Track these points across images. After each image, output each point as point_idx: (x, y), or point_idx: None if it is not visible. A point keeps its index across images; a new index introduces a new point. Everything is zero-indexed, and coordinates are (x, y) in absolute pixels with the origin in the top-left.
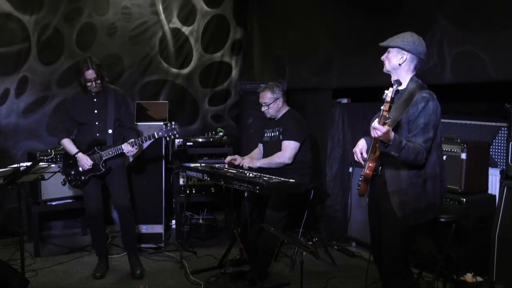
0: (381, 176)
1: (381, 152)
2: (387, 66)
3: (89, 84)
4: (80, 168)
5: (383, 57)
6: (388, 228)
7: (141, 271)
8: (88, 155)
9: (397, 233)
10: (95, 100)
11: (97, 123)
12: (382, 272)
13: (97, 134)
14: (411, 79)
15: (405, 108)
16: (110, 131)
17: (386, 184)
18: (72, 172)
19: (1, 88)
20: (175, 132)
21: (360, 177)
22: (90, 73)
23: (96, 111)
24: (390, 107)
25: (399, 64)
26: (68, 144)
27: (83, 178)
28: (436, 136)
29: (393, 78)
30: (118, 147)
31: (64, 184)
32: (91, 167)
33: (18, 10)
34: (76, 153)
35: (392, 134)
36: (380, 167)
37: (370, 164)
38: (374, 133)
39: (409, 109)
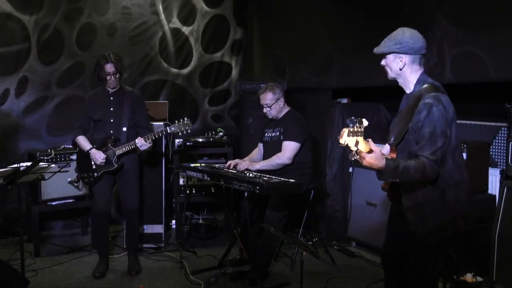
0: (399, 187)
1: None
2: (390, 74)
3: (108, 78)
4: (93, 166)
5: (382, 63)
6: (411, 247)
7: (137, 271)
8: (102, 152)
9: (419, 252)
10: (111, 98)
11: (112, 120)
12: (392, 281)
13: (112, 131)
14: (418, 81)
15: (411, 117)
16: (124, 128)
17: (402, 199)
18: (85, 169)
19: (1, 88)
20: (187, 127)
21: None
22: (109, 67)
23: (112, 109)
24: (357, 142)
25: (400, 69)
26: (82, 141)
27: (95, 175)
28: (450, 141)
29: (400, 83)
30: (131, 142)
31: (76, 181)
32: (104, 160)
33: (18, 10)
34: (90, 149)
35: (383, 161)
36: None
37: None
38: (361, 161)
39: (414, 118)
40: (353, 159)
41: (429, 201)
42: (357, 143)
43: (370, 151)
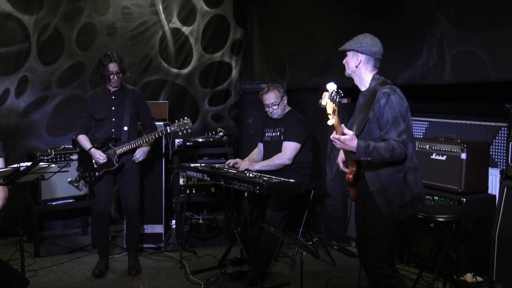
0: (363, 177)
1: None
2: (347, 70)
3: (111, 77)
4: (94, 165)
5: (343, 61)
6: (373, 228)
7: (137, 271)
8: (103, 151)
9: (382, 232)
10: (113, 97)
11: (113, 119)
12: (366, 270)
13: (113, 130)
14: (372, 78)
15: (370, 107)
16: (125, 128)
17: (368, 184)
18: (86, 168)
19: (1, 88)
20: (187, 127)
21: (347, 185)
22: (113, 66)
23: (113, 108)
24: (334, 110)
25: (355, 66)
26: (83, 140)
27: (96, 174)
28: (409, 127)
29: (355, 80)
30: (131, 142)
31: (77, 180)
32: (105, 160)
33: (18, 10)
34: (90, 149)
35: (355, 141)
36: (361, 169)
37: (350, 169)
38: (335, 144)
39: (374, 107)
40: (330, 124)
41: (393, 183)
42: (334, 111)
43: (343, 134)
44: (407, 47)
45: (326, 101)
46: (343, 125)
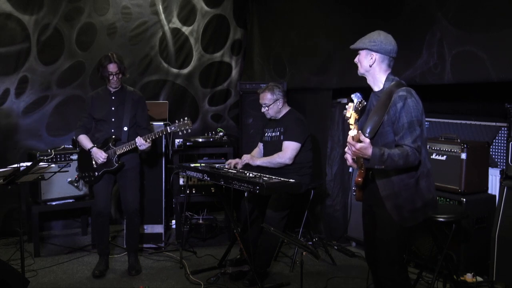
0: (373, 181)
1: None
2: (360, 69)
3: (111, 77)
4: (94, 165)
5: (355, 60)
6: (384, 233)
7: (137, 271)
8: (103, 151)
9: (393, 237)
10: (113, 98)
11: (113, 119)
12: (377, 276)
13: (113, 130)
14: (387, 79)
15: (385, 110)
16: (125, 128)
17: (379, 189)
18: (86, 168)
19: (1, 88)
20: (187, 127)
21: (353, 186)
22: (112, 67)
23: (113, 108)
24: (356, 119)
25: (369, 65)
26: (84, 140)
27: (96, 174)
28: (423, 131)
29: (368, 80)
30: (131, 142)
31: (77, 180)
32: (105, 160)
33: (18, 10)
34: (91, 148)
35: (370, 150)
36: (371, 172)
37: (361, 171)
38: (349, 149)
39: (389, 111)
40: (352, 135)
41: (405, 189)
42: (356, 120)
43: (359, 141)
44: (407, 47)
45: (351, 112)
46: (360, 131)
